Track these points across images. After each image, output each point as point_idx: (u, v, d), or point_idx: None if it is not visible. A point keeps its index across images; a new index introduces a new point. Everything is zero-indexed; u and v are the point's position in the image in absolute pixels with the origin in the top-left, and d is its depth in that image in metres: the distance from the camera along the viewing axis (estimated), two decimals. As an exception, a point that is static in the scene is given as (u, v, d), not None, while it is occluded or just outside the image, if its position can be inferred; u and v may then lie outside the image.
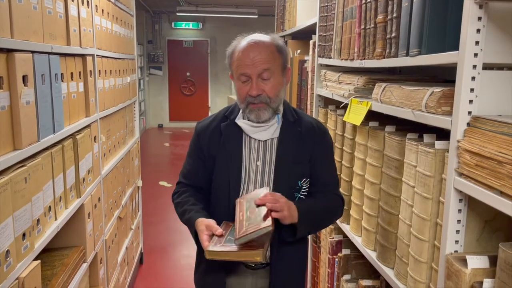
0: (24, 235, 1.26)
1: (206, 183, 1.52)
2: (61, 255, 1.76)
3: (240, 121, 1.48)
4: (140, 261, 3.48)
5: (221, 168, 1.48)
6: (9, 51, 1.22)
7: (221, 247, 1.26)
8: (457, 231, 1.06)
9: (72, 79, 1.77)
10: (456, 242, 1.06)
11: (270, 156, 1.46)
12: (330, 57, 2.00)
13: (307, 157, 1.47)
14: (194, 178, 1.55)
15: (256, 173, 1.46)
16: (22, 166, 1.27)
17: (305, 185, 1.47)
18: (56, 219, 1.56)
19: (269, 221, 1.23)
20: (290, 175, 1.45)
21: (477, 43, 0.98)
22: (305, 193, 1.47)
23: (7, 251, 1.16)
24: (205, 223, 1.35)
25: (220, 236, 1.31)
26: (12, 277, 1.19)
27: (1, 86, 1.17)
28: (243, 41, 1.42)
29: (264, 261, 1.30)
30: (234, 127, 1.48)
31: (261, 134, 1.46)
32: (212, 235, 1.33)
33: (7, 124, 1.21)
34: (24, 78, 1.28)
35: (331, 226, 2.02)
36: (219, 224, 1.38)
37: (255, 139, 1.47)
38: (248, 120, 1.47)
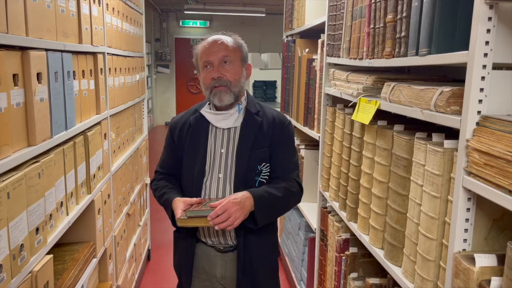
0: (37, 229, 1.29)
1: (179, 171, 1.69)
2: (72, 250, 1.79)
3: (204, 111, 1.64)
4: (148, 257, 3.51)
5: (188, 156, 1.64)
6: (23, 48, 1.25)
7: (189, 214, 1.46)
8: (465, 230, 1.06)
9: (83, 77, 1.80)
10: (464, 240, 1.07)
11: (233, 143, 1.62)
12: (339, 56, 2.01)
13: (266, 144, 1.62)
14: (168, 167, 1.73)
15: (220, 159, 1.62)
16: (36, 162, 1.29)
17: (264, 169, 1.62)
18: (67, 214, 1.59)
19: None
20: (250, 160, 1.59)
21: (487, 43, 0.98)
22: (266, 177, 1.62)
23: (21, 245, 1.18)
24: (182, 200, 1.54)
25: (197, 205, 1.50)
26: (26, 271, 1.21)
27: (16, 83, 1.20)
28: (207, 39, 1.61)
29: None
30: (201, 119, 1.65)
31: (223, 122, 1.62)
32: (185, 211, 1.50)
33: (22, 120, 1.24)
34: (38, 75, 1.30)
35: (338, 225, 2.03)
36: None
37: (219, 128, 1.63)
38: (214, 108, 1.63)
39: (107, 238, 2.13)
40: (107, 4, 2.19)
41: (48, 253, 1.37)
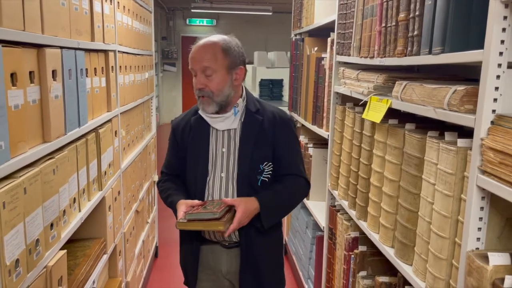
0: (52, 225, 1.30)
1: (183, 171, 1.70)
2: (83, 246, 1.80)
3: (202, 113, 1.65)
4: (155, 254, 3.53)
5: (191, 156, 1.66)
6: (39, 46, 1.26)
7: (189, 217, 1.46)
8: (479, 229, 1.06)
9: (95, 74, 1.81)
10: (478, 239, 1.07)
11: (234, 143, 1.63)
12: (349, 55, 2.01)
13: (268, 143, 1.62)
14: (173, 168, 1.75)
15: (222, 159, 1.63)
16: (50, 158, 1.30)
17: (267, 168, 1.62)
18: (80, 210, 1.60)
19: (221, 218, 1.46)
20: (252, 159, 1.60)
21: (502, 42, 0.98)
22: (268, 175, 1.63)
23: (37, 240, 1.20)
24: (184, 202, 1.55)
25: (197, 208, 1.51)
26: (41, 266, 1.23)
27: (32, 81, 1.21)
28: (197, 43, 1.61)
29: (224, 229, 1.47)
30: (202, 120, 1.65)
31: (219, 124, 1.63)
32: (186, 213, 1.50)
33: (37, 117, 1.25)
34: (53, 72, 1.32)
35: (347, 223, 2.03)
36: None
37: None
38: None
39: (117, 234, 2.14)
40: (118, 2, 2.20)
41: (61, 249, 1.39)
